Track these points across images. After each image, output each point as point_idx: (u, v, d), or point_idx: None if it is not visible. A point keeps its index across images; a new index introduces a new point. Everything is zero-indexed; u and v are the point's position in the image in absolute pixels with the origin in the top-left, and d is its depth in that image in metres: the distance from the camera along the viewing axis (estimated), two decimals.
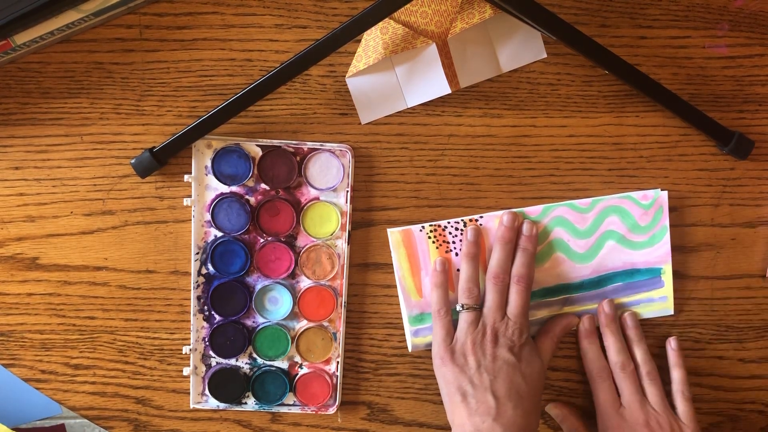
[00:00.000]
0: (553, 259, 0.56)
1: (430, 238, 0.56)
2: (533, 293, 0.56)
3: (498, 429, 0.49)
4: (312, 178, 0.55)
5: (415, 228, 0.56)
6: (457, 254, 0.56)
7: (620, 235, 0.56)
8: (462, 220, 0.56)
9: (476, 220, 0.56)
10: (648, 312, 0.57)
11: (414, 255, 0.56)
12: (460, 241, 0.56)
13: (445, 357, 0.52)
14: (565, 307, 0.57)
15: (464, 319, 0.53)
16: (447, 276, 0.55)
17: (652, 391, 0.54)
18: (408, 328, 0.57)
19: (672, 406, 0.55)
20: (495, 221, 0.56)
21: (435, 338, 0.54)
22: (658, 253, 0.56)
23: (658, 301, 0.57)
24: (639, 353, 0.56)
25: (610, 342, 0.56)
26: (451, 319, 0.54)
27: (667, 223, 0.56)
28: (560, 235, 0.56)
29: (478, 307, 0.53)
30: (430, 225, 0.56)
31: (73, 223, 0.56)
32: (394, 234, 0.56)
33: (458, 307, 0.54)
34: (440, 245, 0.56)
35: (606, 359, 0.56)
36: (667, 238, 0.56)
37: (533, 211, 0.56)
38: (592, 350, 0.56)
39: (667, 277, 0.56)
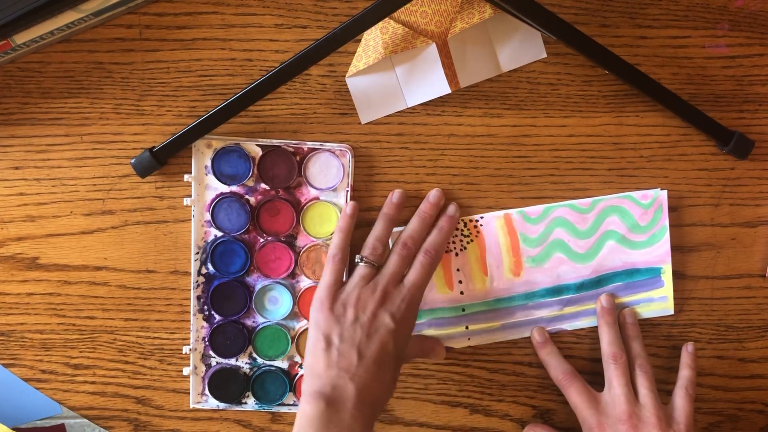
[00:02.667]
0: (553, 259, 0.56)
1: None
2: (534, 293, 0.57)
3: (351, 388, 0.47)
4: (312, 177, 0.55)
5: None
6: (457, 254, 0.56)
7: (620, 235, 0.56)
8: (462, 220, 0.56)
9: (476, 221, 0.56)
10: (648, 312, 0.57)
11: None
12: (460, 241, 0.56)
13: (325, 303, 0.51)
14: (566, 308, 0.57)
15: (359, 272, 0.52)
16: (353, 222, 0.54)
17: (641, 383, 0.53)
18: None
19: (672, 403, 0.54)
20: (495, 222, 0.56)
21: (322, 282, 0.52)
22: (658, 252, 0.56)
23: (657, 301, 0.57)
24: (635, 347, 0.55)
25: (605, 333, 0.55)
26: (344, 267, 0.53)
27: (666, 222, 0.56)
28: (560, 235, 0.56)
29: (376, 266, 0.52)
30: None
31: (73, 223, 0.56)
32: (394, 234, 0.56)
33: (357, 259, 0.53)
34: None
35: (568, 363, 0.56)
36: (666, 237, 0.56)
37: (534, 211, 0.56)
38: (553, 357, 0.56)
39: (667, 277, 0.57)
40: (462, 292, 0.57)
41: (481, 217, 0.56)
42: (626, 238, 0.56)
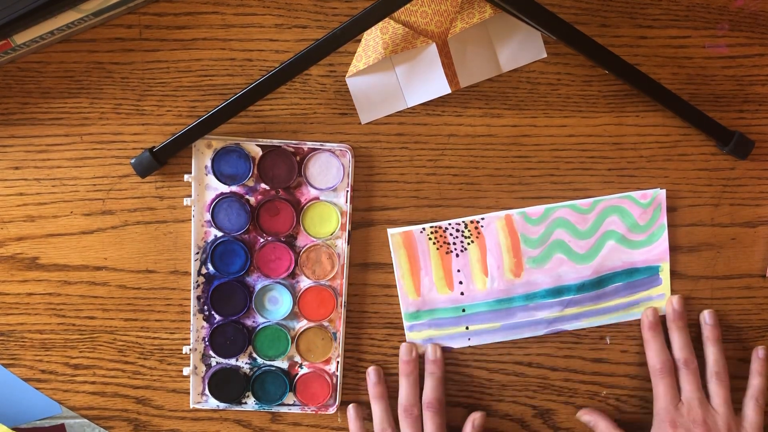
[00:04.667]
0: (554, 260, 0.56)
1: (430, 239, 0.56)
2: (534, 294, 0.57)
3: None
4: (312, 177, 0.55)
5: (416, 229, 0.56)
6: (457, 255, 0.56)
7: (620, 235, 0.56)
8: (463, 221, 0.56)
9: (477, 222, 0.56)
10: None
11: (414, 256, 0.56)
12: (461, 242, 0.56)
13: None
14: (566, 309, 0.57)
15: None
16: (384, 384, 0.56)
17: (716, 392, 0.54)
18: (404, 324, 0.57)
19: (743, 413, 0.54)
20: (496, 223, 0.56)
21: None
22: (657, 251, 0.56)
23: (656, 299, 0.57)
24: (712, 352, 0.55)
25: (676, 338, 0.55)
26: None
27: (665, 221, 0.56)
28: (561, 236, 0.56)
29: None
30: (431, 226, 0.56)
31: (72, 223, 0.56)
32: (394, 236, 0.56)
33: None
34: (440, 246, 0.56)
35: (671, 355, 0.55)
36: (665, 236, 0.56)
37: (534, 212, 0.56)
38: (656, 343, 0.55)
39: (665, 275, 0.57)
40: (462, 293, 0.57)
41: (482, 218, 0.56)
42: (626, 238, 0.56)
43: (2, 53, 0.51)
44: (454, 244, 0.56)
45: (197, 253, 0.56)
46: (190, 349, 0.57)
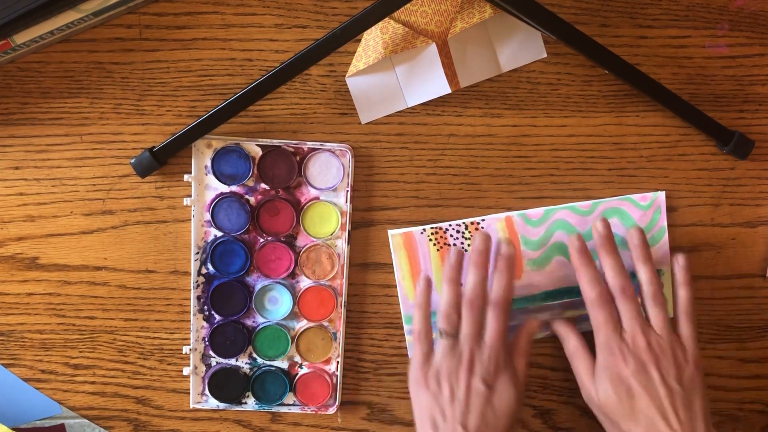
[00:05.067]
0: (554, 262, 0.56)
1: (431, 240, 0.56)
2: (534, 297, 0.56)
3: None
4: (312, 177, 0.55)
5: (416, 230, 0.56)
6: None
7: (620, 238, 0.56)
8: (463, 222, 0.56)
9: (477, 223, 0.56)
10: None
11: (414, 257, 0.56)
12: (461, 243, 0.56)
13: (420, 381, 0.51)
14: (567, 312, 0.57)
15: (441, 346, 0.52)
16: (429, 296, 0.53)
17: (654, 314, 0.51)
18: (405, 327, 0.57)
19: (677, 331, 0.52)
20: (496, 224, 0.56)
21: (413, 360, 0.52)
22: (657, 254, 0.56)
23: None
24: (643, 273, 0.52)
25: (608, 263, 0.52)
26: (431, 341, 0.52)
27: (665, 224, 0.56)
28: (562, 238, 0.56)
29: (456, 335, 0.52)
30: (432, 227, 0.56)
31: (72, 223, 0.56)
32: (395, 237, 0.56)
33: (436, 334, 0.53)
34: (441, 247, 0.56)
35: (605, 285, 0.52)
36: (665, 239, 0.56)
37: (535, 213, 0.56)
38: (588, 271, 0.52)
39: (666, 279, 0.56)
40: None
41: (483, 220, 0.56)
42: (626, 241, 0.56)
43: (2, 53, 0.51)
44: (455, 245, 0.56)
45: (197, 253, 0.56)
46: (190, 349, 0.57)
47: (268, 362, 0.57)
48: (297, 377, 0.57)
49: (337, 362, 0.57)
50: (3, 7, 0.47)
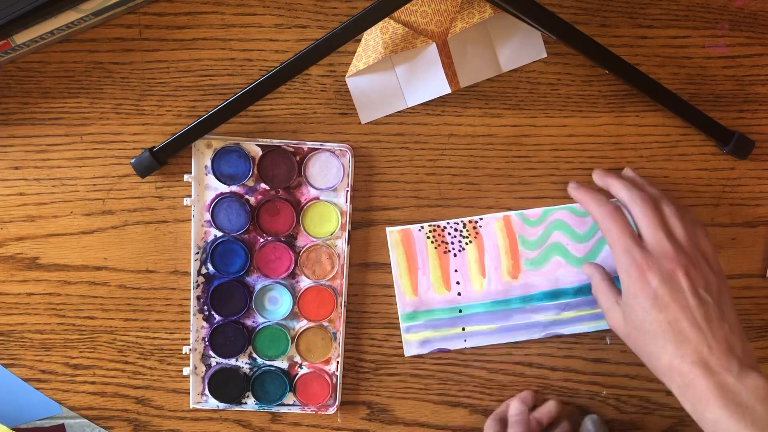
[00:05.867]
0: (552, 262, 0.56)
1: (429, 238, 0.56)
2: (532, 296, 0.57)
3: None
4: (312, 177, 0.55)
5: (414, 228, 0.56)
6: (455, 255, 0.56)
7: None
8: (461, 221, 0.56)
9: (476, 222, 0.56)
10: None
11: (412, 254, 0.56)
12: (459, 242, 0.56)
13: None
14: (563, 313, 0.57)
15: None
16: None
17: (674, 223, 0.47)
18: (401, 325, 0.57)
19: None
20: (494, 224, 0.56)
21: None
22: None
23: None
24: (650, 191, 0.50)
25: (616, 185, 0.49)
26: None
27: None
28: (559, 238, 0.56)
29: None
30: (429, 225, 0.56)
31: (73, 223, 0.56)
32: (393, 233, 0.56)
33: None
34: (439, 245, 0.56)
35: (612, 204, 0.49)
36: None
37: (533, 213, 0.56)
38: (592, 194, 0.49)
39: None
40: (459, 293, 0.57)
41: (481, 218, 0.56)
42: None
43: (2, 53, 0.51)
44: (452, 243, 0.56)
45: (197, 253, 0.56)
46: (190, 349, 0.57)
47: (268, 362, 0.57)
48: (297, 377, 0.57)
49: (337, 362, 0.57)
50: (3, 7, 0.47)
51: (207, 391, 0.57)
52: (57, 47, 0.54)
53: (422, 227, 0.56)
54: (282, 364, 0.57)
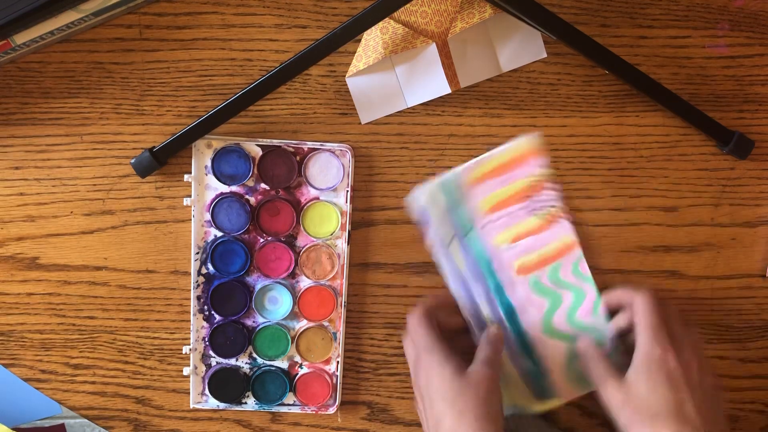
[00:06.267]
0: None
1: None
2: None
3: None
4: (312, 177, 0.55)
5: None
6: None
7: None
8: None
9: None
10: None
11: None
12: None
13: None
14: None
15: None
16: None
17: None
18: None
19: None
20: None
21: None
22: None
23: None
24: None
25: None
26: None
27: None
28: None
29: None
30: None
31: (73, 223, 0.56)
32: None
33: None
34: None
35: None
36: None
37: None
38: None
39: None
40: None
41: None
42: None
43: (2, 53, 0.51)
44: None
45: (197, 253, 0.56)
46: (190, 349, 0.57)
47: (268, 362, 0.57)
48: (297, 377, 0.57)
49: (337, 362, 0.57)
50: (3, 7, 0.47)
51: (207, 391, 0.57)
52: (57, 47, 0.54)
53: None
54: (282, 364, 0.57)
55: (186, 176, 0.55)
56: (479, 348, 0.50)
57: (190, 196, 0.55)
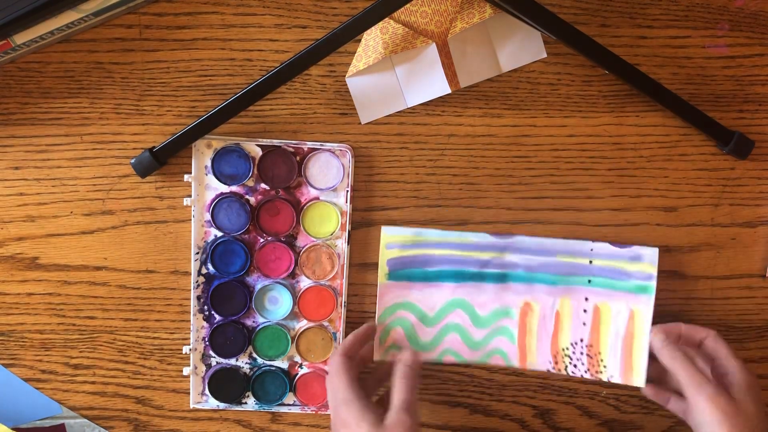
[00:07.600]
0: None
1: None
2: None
3: None
4: (312, 177, 0.55)
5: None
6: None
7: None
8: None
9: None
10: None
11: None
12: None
13: None
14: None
15: None
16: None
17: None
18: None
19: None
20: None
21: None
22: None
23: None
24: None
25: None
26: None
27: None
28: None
29: None
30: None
31: (73, 223, 0.56)
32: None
33: None
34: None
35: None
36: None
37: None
38: (675, 350, 0.52)
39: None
40: None
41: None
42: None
43: (2, 53, 0.51)
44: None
45: (197, 253, 0.56)
46: (190, 349, 0.57)
47: (268, 362, 0.57)
48: (297, 377, 0.57)
49: None
50: (3, 7, 0.47)
51: (207, 391, 0.57)
52: (57, 47, 0.54)
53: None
54: (282, 364, 0.57)
55: (186, 176, 0.55)
56: (394, 389, 0.50)
57: (190, 196, 0.55)
